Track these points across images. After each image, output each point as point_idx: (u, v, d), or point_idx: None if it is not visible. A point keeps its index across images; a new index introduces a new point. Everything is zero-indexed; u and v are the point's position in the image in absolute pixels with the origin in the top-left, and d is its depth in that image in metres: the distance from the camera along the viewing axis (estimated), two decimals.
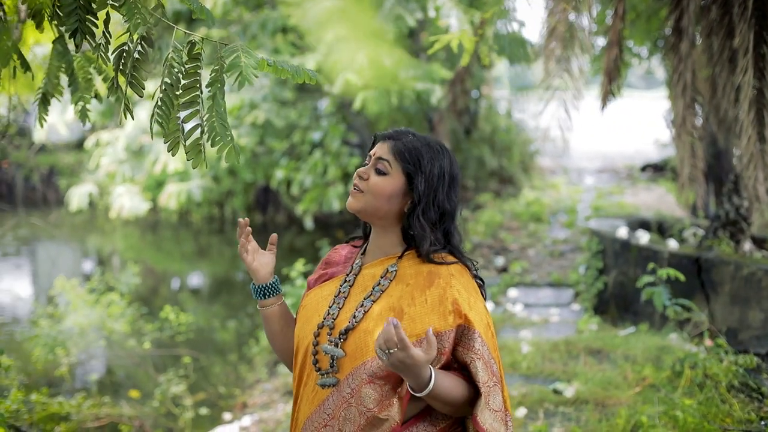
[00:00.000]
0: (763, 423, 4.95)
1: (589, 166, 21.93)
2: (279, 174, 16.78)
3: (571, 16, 6.58)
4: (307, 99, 16.87)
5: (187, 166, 16.96)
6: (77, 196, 18.14)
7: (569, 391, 5.98)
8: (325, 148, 16.56)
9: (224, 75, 2.14)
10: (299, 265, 9.02)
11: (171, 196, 17.10)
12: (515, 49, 9.61)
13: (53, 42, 3.17)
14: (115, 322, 9.12)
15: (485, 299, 2.61)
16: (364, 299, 2.52)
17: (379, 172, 2.54)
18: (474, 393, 2.43)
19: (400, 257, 2.57)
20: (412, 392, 2.33)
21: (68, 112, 16.74)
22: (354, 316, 2.48)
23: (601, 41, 11.88)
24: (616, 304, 8.59)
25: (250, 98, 16.11)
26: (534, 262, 11.22)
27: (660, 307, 6.21)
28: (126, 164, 17.88)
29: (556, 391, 6.03)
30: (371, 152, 2.61)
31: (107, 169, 18.15)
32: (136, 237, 18.66)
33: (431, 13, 13.89)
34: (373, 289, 2.53)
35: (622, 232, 8.82)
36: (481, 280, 2.63)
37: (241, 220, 2.71)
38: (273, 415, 7.21)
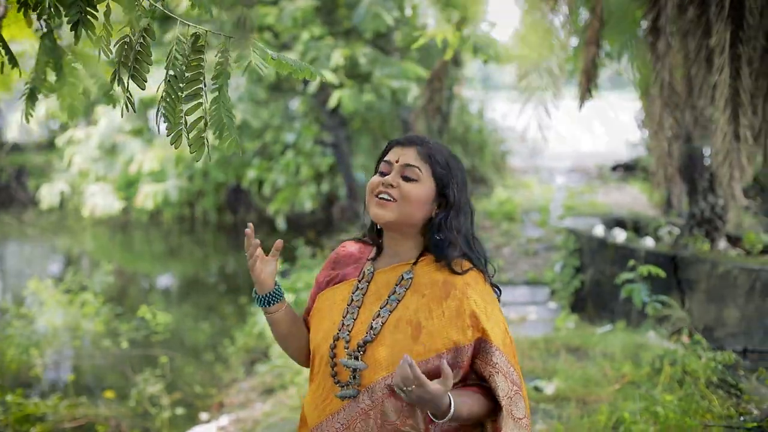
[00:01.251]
0: (742, 418, 4.99)
1: (560, 166, 22.04)
2: (251, 174, 16.75)
3: (549, 16, 6.62)
4: (280, 99, 16.84)
5: (162, 166, 16.90)
6: (49, 194, 18.02)
7: (550, 388, 6.00)
8: (298, 147, 16.54)
9: (228, 68, 2.13)
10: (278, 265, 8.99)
11: (147, 196, 17.03)
12: (490, 48, 9.64)
13: (41, 37, 3.13)
14: (89, 322, 9.06)
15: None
16: (380, 308, 2.49)
17: (409, 179, 2.48)
18: (494, 403, 2.44)
19: (415, 263, 2.54)
20: (433, 419, 2.33)
21: (40, 110, 16.59)
22: (371, 328, 2.45)
23: (574, 41, 11.91)
24: (593, 302, 8.64)
25: None
26: (509, 260, 11.25)
27: (639, 304, 6.26)
28: (99, 162, 17.78)
29: (536, 389, 6.05)
30: (389, 159, 2.54)
31: (80, 167, 18.03)
32: (107, 237, 18.53)
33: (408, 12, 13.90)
34: (389, 297, 2.50)
35: (599, 231, 8.88)
36: (499, 289, 2.61)
37: (248, 230, 2.58)
38: (251, 414, 7.17)
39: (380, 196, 2.48)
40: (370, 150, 16.85)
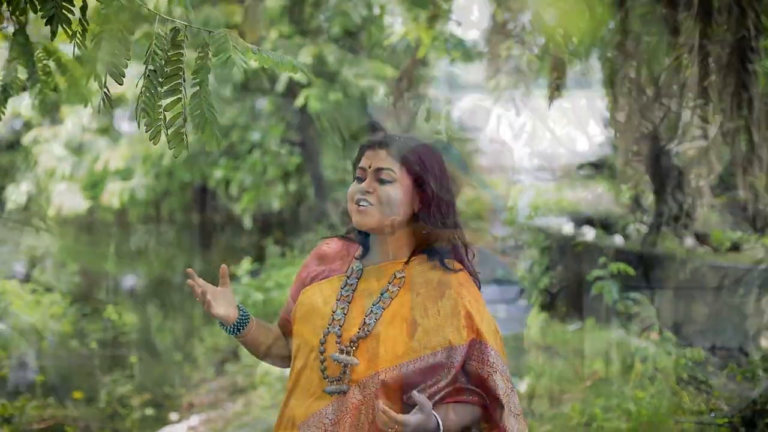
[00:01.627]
0: (712, 414, 5.03)
1: (526, 165, 22.04)
2: (217, 173, 16.64)
3: (519, 16, 6.63)
4: (247, 97, 16.73)
5: (128, 164, 16.77)
6: (14, 194, 17.85)
7: (522, 385, 6.02)
8: (265, 147, 16.46)
9: (208, 62, 2.11)
10: (246, 264, 8.98)
11: (113, 195, 16.88)
12: (460, 48, 9.66)
13: (14, 34, 3.09)
14: (56, 322, 8.98)
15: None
16: (373, 305, 2.47)
17: (385, 182, 2.47)
18: (483, 408, 2.47)
19: (407, 262, 2.53)
20: None
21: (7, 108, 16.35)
22: (365, 323, 2.43)
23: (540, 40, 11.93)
24: (563, 299, 8.66)
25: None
26: (477, 259, 11.24)
27: (609, 301, 6.29)
28: (65, 161, 17.60)
29: None
30: (362, 165, 2.52)
31: (46, 166, 17.85)
32: (72, 237, 18.33)
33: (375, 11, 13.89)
34: (381, 295, 2.48)
35: (568, 229, 8.91)
36: (478, 280, 2.62)
37: (190, 281, 2.51)
38: (221, 414, 7.15)
39: (360, 203, 2.48)
40: (338, 149, 16.80)
